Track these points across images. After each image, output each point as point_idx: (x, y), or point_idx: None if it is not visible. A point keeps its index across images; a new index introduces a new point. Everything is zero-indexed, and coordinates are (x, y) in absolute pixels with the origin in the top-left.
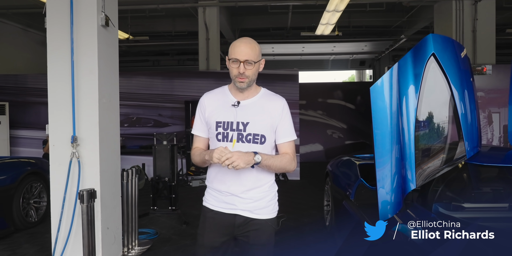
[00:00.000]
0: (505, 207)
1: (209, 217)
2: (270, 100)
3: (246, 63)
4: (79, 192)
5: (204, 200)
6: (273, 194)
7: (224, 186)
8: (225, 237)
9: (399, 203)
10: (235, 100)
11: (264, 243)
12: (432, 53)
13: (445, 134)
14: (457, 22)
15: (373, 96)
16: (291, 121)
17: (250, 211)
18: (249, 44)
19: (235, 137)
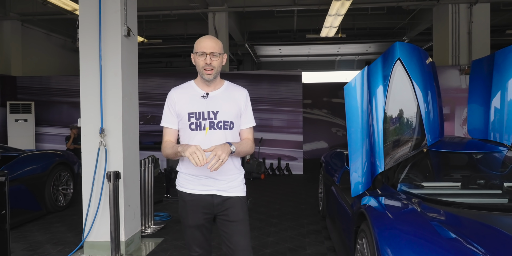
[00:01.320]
0: (457, 186)
1: (188, 200)
2: (235, 90)
3: (211, 55)
4: (107, 173)
5: (178, 185)
6: (242, 176)
7: (200, 170)
8: (206, 215)
9: (368, 183)
10: (204, 92)
11: (242, 218)
12: (398, 58)
13: (410, 128)
14: (453, 25)
15: (347, 95)
16: (251, 109)
17: (225, 191)
18: (213, 39)
19: (208, 125)
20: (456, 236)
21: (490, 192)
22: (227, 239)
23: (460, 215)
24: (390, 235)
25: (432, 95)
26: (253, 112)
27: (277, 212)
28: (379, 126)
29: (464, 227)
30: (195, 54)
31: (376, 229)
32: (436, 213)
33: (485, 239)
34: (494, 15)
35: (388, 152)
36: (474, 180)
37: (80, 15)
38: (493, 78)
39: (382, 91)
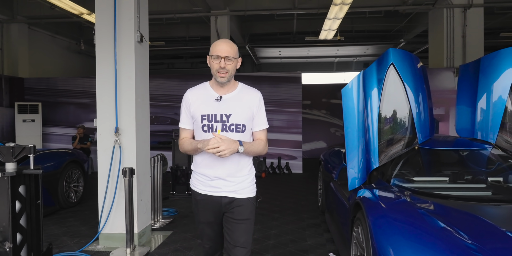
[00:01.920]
0: (446, 181)
1: (200, 200)
2: (248, 93)
3: (226, 59)
4: (122, 169)
5: (192, 185)
6: (252, 177)
7: (211, 170)
8: (216, 214)
9: (364, 178)
10: (218, 95)
11: (247, 218)
12: (391, 63)
13: (402, 127)
14: (448, 28)
15: (344, 97)
16: (265, 112)
17: (234, 192)
18: (229, 43)
19: (220, 128)
20: (443, 224)
21: (475, 186)
22: (229, 235)
23: (447, 206)
24: (383, 223)
25: (423, 97)
26: None
27: (278, 208)
28: (374, 125)
29: (450, 216)
30: (210, 57)
31: (370, 217)
32: (425, 203)
33: (469, 226)
34: (489, 19)
35: (382, 150)
36: (461, 175)
37: (97, 22)
38: (479, 81)
39: (377, 93)
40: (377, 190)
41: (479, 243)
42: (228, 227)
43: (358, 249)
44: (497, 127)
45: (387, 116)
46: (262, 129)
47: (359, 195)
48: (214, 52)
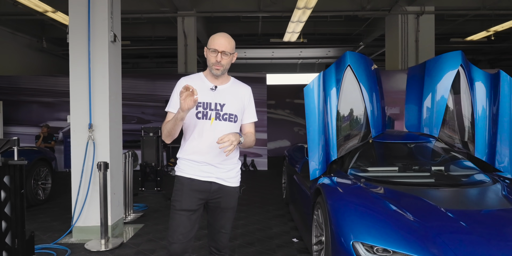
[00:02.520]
0: (395, 170)
1: (187, 184)
2: (240, 86)
3: (223, 53)
4: (97, 163)
5: (178, 170)
6: (239, 167)
7: (202, 157)
8: (200, 201)
9: (323, 169)
10: (213, 85)
11: (233, 206)
12: (348, 64)
13: (358, 124)
14: (402, 33)
15: (306, 96)
16: (254, 106)
17: (223, 179)
18: (227, 38)
19: (213, 116)
20: (392, 206)
21: (421, 174)
22: (214, 222)
23: (396, 190)
24: (340, 205)
25: (376, 97)
26: None
27: (246, 201)
28: (333, 121)
29: (398, 199)
30: (208, 49)
31: (329, 200)
32: (377, 188)
33: (414, 207)
34: (439, 25)
35: (340, 143)
36: (409, 165)
37: (70, 22)
38: (424, 82)
39: (335, 93)
40: (335, 178)
41: (422, 221)
42: (214, 215)
43: (318, 230)
44: (440, 123)
45: (345, 113)
46: (252, 121)
47: (319, 182)
48: (212, 46)
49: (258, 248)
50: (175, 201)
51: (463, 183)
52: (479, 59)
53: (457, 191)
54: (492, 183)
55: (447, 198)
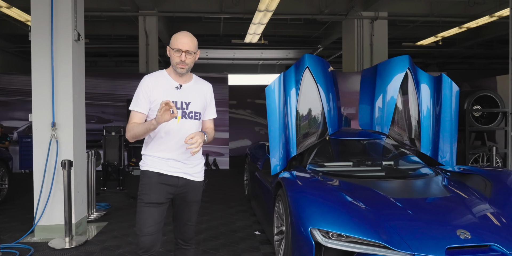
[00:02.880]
0: (350, 165)
1: (155, 178)
2: (203, 84)
3: (187, 53)
4: (61, 161)
5: (145, 166)
6: (203, 162)
7: (169, 154)
8: (169, 195)
9: (284, 165)
10: (178, 84)
11: (198, 200)
12: (307, 66)
13: (316, 122)
14: (358, 37)
15: (267, 96)
16: (214, 102)
17: (190, 174)
18: (190, 37)
19: (180, 114)
20: (347, 196)
21: (372, 168)
22: (180, 215)
23: (350, 182)
24: (299, 196)
25: (332, 97)
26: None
27: (209, 198)
28: (293, 121)
29: (352, 190)
30: (171, 49)
31: (289, 192)
32: (333, 181)
33: (366, 197)
34: (392, 30)
35: (299, 140)
36: (362, 160)
37: (32, 20)
38: (376, 84)
39: (295, 93)
40: (295, 172)
41: (373, 209)
42: (181, 208)
43: (279, 221)
44: (390, 122)
45: (304, 112)
46: (213, 117)
47: (280, 176)
48: (175, 45)
49: (222, 241)
50: (143, 195)
51: (410, 175)
52: (429, 62)
53: (404, 183)
54: (434, 175)
55: (396, 189)
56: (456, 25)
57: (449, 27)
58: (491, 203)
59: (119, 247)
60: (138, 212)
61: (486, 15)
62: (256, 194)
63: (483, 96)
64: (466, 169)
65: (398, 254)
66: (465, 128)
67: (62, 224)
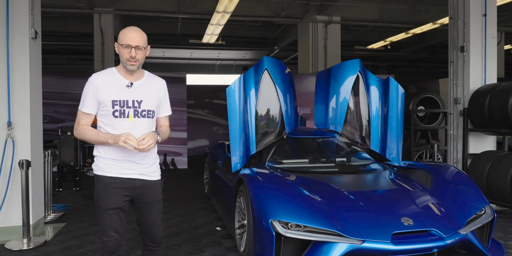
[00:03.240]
0: (306, 161)
1: (109, 183)
2: (155, 81)
3: (137, 48)
4: (19, 161)
5: (98, 170)
6: (158, 161)
7: (123, 154)
8: (126, 198)
9: (244, 162)
10: (128, 81)
11: (159, 199)
12: (266, 68)
13: (274, 121)
14: (313, 40)
15: (228, 96)
16: (168, 99)
17: (145, 175)
18: (139, 32)
19: (132, 113)
20: (304, 190)
21: (327, 165)
22: (144, 218)
23: (307, 178)
24: (260, 191)
25: (290, 97)
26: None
27: (169, 197)
28: (252, 120)
29: (309, 185)
30: (120, 45)
31: (250, 188)
32: (291, 176)
33: (321, 191)
34: (345, 33)
35: (259, 139)
36: (318, 157)
37: None
38: (330, 85)
39: (254, 94)
40: (255, 169)
41: (328, 201)
42: (143, 211)
43: (241, 216)
44: (342, 121)
45: (262, 112)
46: (167, 115)
47: (241, 172)
48: (124, 41)
49: (185, 237)
50: (100, 201)
51: (361, 170)
52: (379, 65)
53: (356, 177)
54: (383, 170)
55: (348, 183)
56: (403, 30)
57: (397, 32)
58: (431, 194)
59: (80, 247)
60: (99, 218)
61: (429, 22)
62: (217, 191)
63: (426, 97)
64: (411, 164)
65: (350, 240)
66: (410, 127)
67: (19, 225)
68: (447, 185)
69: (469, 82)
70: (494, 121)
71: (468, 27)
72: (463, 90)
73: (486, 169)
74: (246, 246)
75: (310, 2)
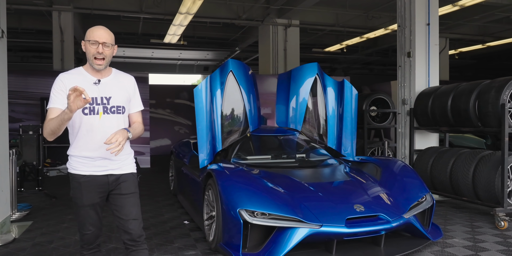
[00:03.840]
0: (269, 157)
1: (84, 182)
2: (123, 77)
3: (104, 45)
4: None
5: (71, 168)
6: (133, 155)
7: (96, 152)
8: (101, 194)
9: (211, 159)
10: (96, 79)
11: (134, 191)
12: (231, 70)
13: (239, 120)
14: (273, 42)
15: (195, 96)
16: (139, 95)
17: (119, 169)
18: (106, 30)
19: (101, 110)
20: (268, 183)
21: (288, 160)
22: (119, 212)
23: (270, 172)
24: (228, 184)
25: (253, 97)
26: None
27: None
28: (218, 119)
29: (272, 178)
30: (87, 42)
31: (219, 181)
32: (255, 171)
33: (284, 183)
34: (304, 36)
35: (224, 137)
36: (279, 153)
37: None
38: (290, 87)
39: (220, 94)
40: (221, 164)
41: (290, 192)
42: (117, 204)
43: (209, 207)
44: (302, 120)
45: (227, 112)
46: (139, 110)
47: (209, 168)
48: (91, 37)
49: (154, 231)
50: (76, 199)
51: (319, 165)
52: (335, 67)
53: (315, 171)
54: (338, 164)
55: (308, 176)
56: (357, 35)
57: (352, 36)
58: (380, 185)
59: (51, 243)
60: (75, 214)
61: (382, 27)
62: (183, 187)
63: (378, 98)
64: (363, 159)
65: (310, 225)
66: (364, 126)
67: None
68: (394, 176)
69: (415, 84)
70: (436, 120)
71: (414, 35)
72: (410, 92)
73: (429, 164)
74: (215, 235)
75: (271, 6)
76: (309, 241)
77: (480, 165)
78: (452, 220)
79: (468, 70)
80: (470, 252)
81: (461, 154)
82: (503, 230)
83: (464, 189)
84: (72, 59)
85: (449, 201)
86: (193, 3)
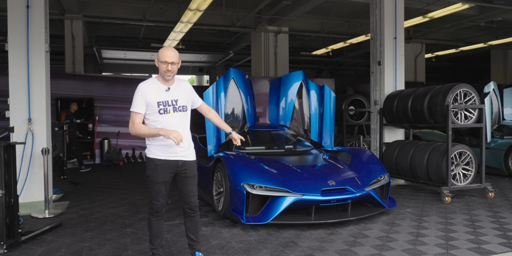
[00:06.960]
0: (263, 148)
1: (160, 164)
2: (183, 84)
3: (172, 64)
4: (42, 149)
5: (150, 154)
6: (193, 145)
7: (169, 141)
8: (171, 174)
9: (216, 149)
10: (167, 87)
11: (195, 174)
12: (232, 77)
13: (238, 118)
14: (265, 47)
15: (205, 98)
16: (196, 92)
17: (185, 156)
18: (173, 51)
19: (172, 110)
20: (265, 166)
21: (278, 150)
22: (184, 188)
23: (265, 158)
24: (234, 166)
25: (250, 99)
26: (110, 109)
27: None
28: (222, 117)
29: (267, 162)
30: (159, 61)
31: (226, 164)
32: (253, 157)
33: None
34: (292, 41)
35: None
36: (272, 145)
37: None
38: (280, 90)
39: (224, 96)
40: (227, 152)
41: (281, 172)
42: (183, 183)
43: (218, 185)
44: (290, 118)
45: (229, 111)
46: (202, 102)
47: (217, 155)
48: (162, 58)
49: (171, 206)
50: (152, 177)
51: (304, 153)
52: (322, 68)
53: (300, 157)
54: (319, 153)
55: (295, 161)
56: (342, 40)
57: (337, 41)
58: (350, 167)
59: (92, 214)
60: (150, 188)
61: (362, 34)
62: None
63: (355, 99)
64: (339, 149)
65: (295, 195)
66: (343, 123)
67: (37, 200)
68: (361, 162)
69: (384, 88)
70: (399, 117)
71: (383, 47)
72: (380, 94)
73: (394, 154)
74: (223, 206)
75: (262, 15)
76: (294, 207)
77: (432, 154)
78: (409, 198)
79: (446, 72)
80: (416, 217)
81: (419, 146)
82: (447, 204)
83: (420, 173)
84: (82, 63)
85: (410, 185)
86: (194, 14)
